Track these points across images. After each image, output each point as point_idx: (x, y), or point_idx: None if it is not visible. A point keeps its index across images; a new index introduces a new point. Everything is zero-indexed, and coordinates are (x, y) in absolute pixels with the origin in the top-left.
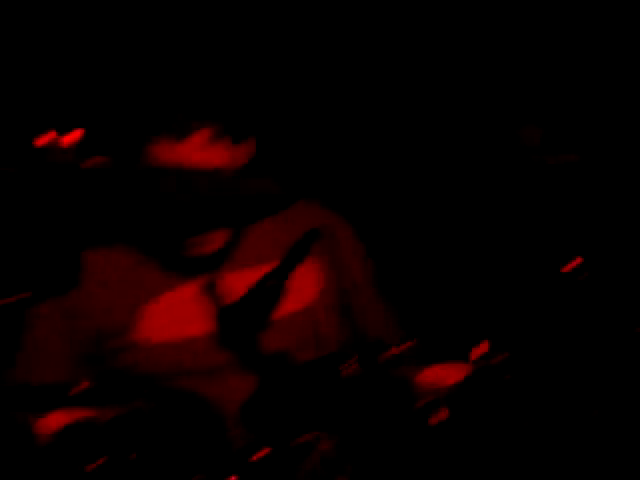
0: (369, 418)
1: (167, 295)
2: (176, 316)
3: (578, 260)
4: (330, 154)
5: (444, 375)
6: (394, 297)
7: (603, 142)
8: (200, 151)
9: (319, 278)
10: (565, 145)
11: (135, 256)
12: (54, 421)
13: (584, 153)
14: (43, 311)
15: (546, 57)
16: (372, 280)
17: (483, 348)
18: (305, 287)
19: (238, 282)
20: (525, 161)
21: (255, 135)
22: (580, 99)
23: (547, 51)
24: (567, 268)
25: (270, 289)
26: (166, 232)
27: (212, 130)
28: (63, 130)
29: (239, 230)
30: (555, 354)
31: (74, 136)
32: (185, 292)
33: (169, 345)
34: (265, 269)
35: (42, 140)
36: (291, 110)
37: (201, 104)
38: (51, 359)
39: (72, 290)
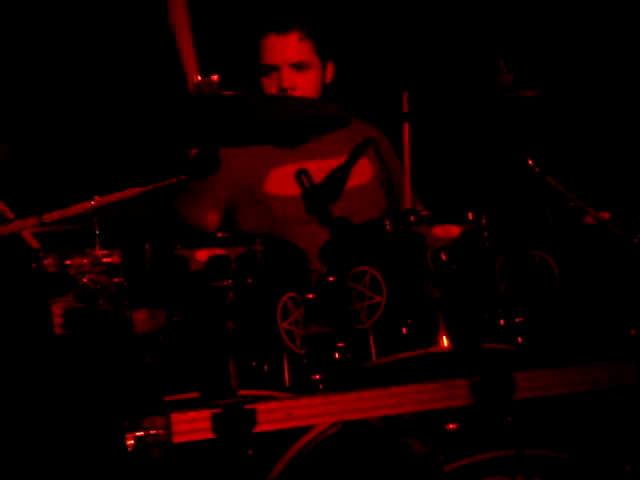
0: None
1: (277, 169)
2: (283, 182)
3: None
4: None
5: (447, 230)
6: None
7: None
8: (294, 45)
9: (371, 167)
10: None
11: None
12: (203, 254)
13: None
14: (203, 185)
15: None
16: (401, 170)
17: None
18: (362, 173)
19: (320, 168)
20: None
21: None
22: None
23: None
24: None
25: (340, 174)
26: (275, 134)
27: (303, 31)
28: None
29: (321, 136)
30: None
31: (216, 77)
32: (287, 169)
33: (279, 199)
34: (337, 161)
35: (198, 79)
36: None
37: (299, 12)
38: (208, 209)
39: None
